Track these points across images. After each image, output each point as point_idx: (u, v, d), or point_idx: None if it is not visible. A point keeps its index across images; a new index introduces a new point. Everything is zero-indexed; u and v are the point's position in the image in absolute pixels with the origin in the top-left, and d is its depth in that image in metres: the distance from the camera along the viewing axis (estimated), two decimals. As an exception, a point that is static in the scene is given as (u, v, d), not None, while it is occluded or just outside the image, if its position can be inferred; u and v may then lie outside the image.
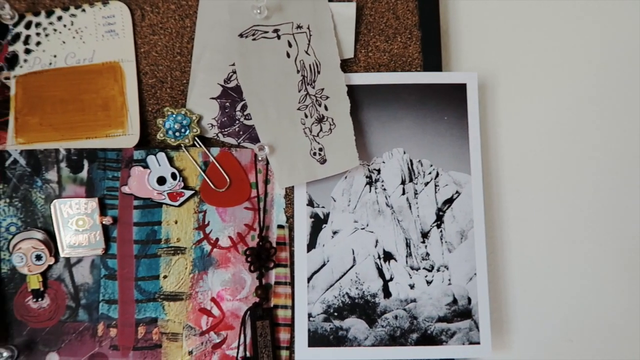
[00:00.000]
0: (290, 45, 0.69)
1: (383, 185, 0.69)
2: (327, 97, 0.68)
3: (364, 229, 0.68)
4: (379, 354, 0.67)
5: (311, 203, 0.68)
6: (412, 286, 0.68)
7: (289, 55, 0.69)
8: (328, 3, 0.70)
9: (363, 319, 0.67)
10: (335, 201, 0.68)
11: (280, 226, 0.68)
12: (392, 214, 0.68)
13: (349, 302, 0.67)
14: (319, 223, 0.68)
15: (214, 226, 0.67)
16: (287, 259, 0.68)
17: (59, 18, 0.69)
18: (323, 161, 0.67)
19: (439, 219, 0.69)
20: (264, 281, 0.67)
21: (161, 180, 0.67)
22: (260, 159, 0.68)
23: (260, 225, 0.68)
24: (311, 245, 0.68)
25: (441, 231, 0.68)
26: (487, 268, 0.68)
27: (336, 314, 0.67)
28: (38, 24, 0.69)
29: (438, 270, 0.68)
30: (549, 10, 0.76)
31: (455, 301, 0.67)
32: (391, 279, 0.68)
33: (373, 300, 0.67)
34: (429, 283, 0.68)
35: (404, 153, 0.69)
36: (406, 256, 0.68)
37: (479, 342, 0.67)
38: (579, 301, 0.73)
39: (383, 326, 0.67)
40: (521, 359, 0.72)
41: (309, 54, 0.69)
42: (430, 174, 0.69)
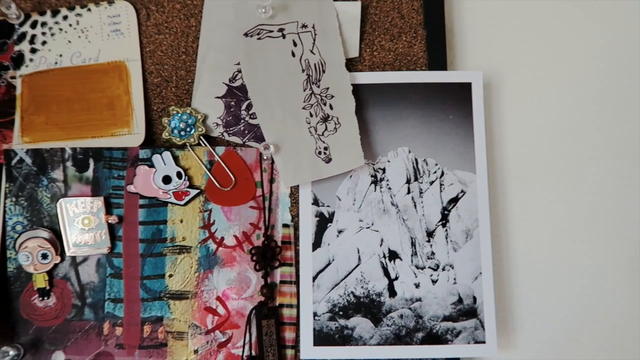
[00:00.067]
0: (295, 45, 0.69)
1: (388, 184, 0.69)
2: (332, 96, 0.68)
3: (369, 228, 0.68)
4: (384, 353, 0.67)
5: (316, 202, 0.68)
6: (417, 285, 0.67)
7: (294, 55, 0.69)
8: (333, 2, 0.70)
9: (368, 318, 0.67)
10: (340, 200, 0.68)
11: (285, 225, 0.68)
12: (397, 213, 0.68)
13: (354, 301, 0.67)
14: (324, 222, 0.68)
15: (220, 225, 0.67)
16: (292, 258, 0.68)
17: (65, 17, 0.69)
18: (328, 160, 0.67)
19: (444, 218, 0.69)
20: (269, 280, 0.67)
21: (167, 179, 0.67)
22: (266, 158, 0.68)
23: (266, 224, 0.68)
24: (316, 244, 0.68)
25: (446, 230, 0.68)
26: (493, 267, 0.68)
27: (341, 313, 0.67)
28: (44, 24, 0.69)
29: (443, 269, 0.68)
30: (553, 9, 0.76)
31: (460, 300, 0.67)
32: (396, 278, 0.68)
33: (378, 299, 0.67)
34: (434, 282, 0.68)
35: (409, 152, 0.69)
36: (411, 255, 0.68)
37: (484, 342, 0.67)
38: (584, 301, 0.73)
39: (388, 325, 0.67)
40: (526, 359, 0.72)
41: (314, 53, 0.69)
42: (435, 173, 0.69)
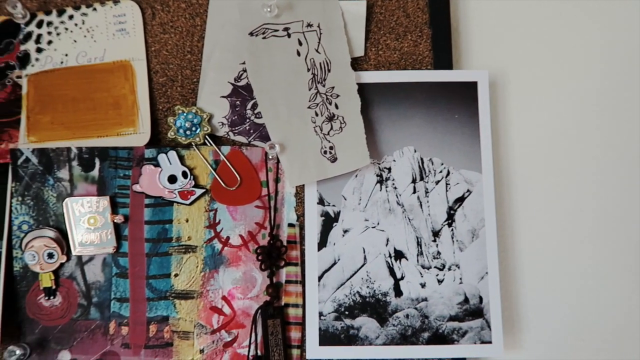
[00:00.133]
0: (301, 44, 0.69)
1: (394, 184, 0.69)
2: (338, 96, 0.68)
3: (374, 227, 0.68)
4: (390, 353, 0.66)
5: (322, 201, 0.68)
6: (423, 285, 0.67)
7: (299, 54, 0.69)
8: (338, 1, 0.70)
9: (374, 317, 0.67)
10: (345, 200, 0.68)
11: (290, 225, 0.68)
12: (403, 212, 0.68)
13: (360, 300, 0.67)
14: (329, 221, 0.68)
15: (225, 224, 0.67)
16: (297, 258, 0.68)
17: (71, 17, 0.69)
18: (334, 159, 0.67)
19: (450, 218, 0.68)
20: (274, 280, 0.67)
21: (172, 179, 0.67)
22: (271, 157, 0.68)
23: (271, 223, 0.68)
24: (322, 243, 0.68)
25: (452, 230, 0.68)
26: (499, 267, 0.68)
27: (347, 312, 0.67)
28: (50, 23, 0.69)
29: (449, 269, 0.68)
30: (560, 8, 0.75)
31: (466, 300, 0.67)
32: (402, 277, 0.67)
33: (384, 299, 0.67)
34: (440, 282, 0.67)
35: (415, 151, 0.69)
36: (417, 255, 0.68)
37: (490, 342, 0.67)
38: (591, 300, 0.73)
39: (394, 325, 0.67)
40: (533, 359, 0.72)
41: (319, 52, 0.69)
42: (441, 172, 0.69)
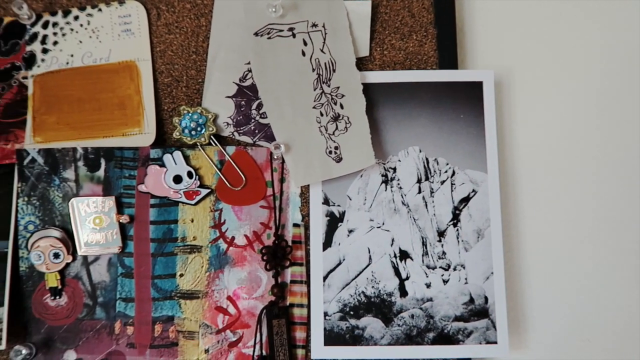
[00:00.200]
0: (306, 44, 0.69)
1: (399, 184, 0.68)
2: (343, 96, 0.68)
3: (379, 227, 0.68)
4: (395, 353, 0.66)
5: (327, 201, 0.68)
6: (428, 285, 0.67)
7: (304, 54, 0.69)
8: (343, 1, 0.70)
9: (379, 317, 0.67)
10: (351, 200, 0.68)
11: (295, 225, 0.68)
12: (408, 212, 0.68)
13: (365, 301, 0.67)
14: (334, 222, 0.68)
15: (230, 224, 0.67)
16: (302, 258, 0.68)
17: (76, 18, 0.70)
18: (339, 159, 0.67)
19: (455, 218, 0.68)
20: (279, 280, 0.67)
21: (177, 179, 0.67)
22: (276, 157, 0.68)
23: (276, 223, 0.68)
24: (327, 243, 0.68)
25: (457, 230, 0.68)
26: (504, 267, 0.68)
27: (352, 312, 0.67)
28: (55, 24, 0.70)
29: (454, 269, 0.67)
30: (565, 8, 0.75)
31: (472, 300, 0.67)
32: (407, 277, 0.67)
33: (389, 299, 0.67)
34: (445, 282, 0.67)
35: (420, 151, 0.69)
36: (422, 255, 0.68)
37: (496, 342, 0.66)
38: (596, 301, 0.72)
39: (399, 325, 0.67)
40: (538, 359, 0.72)
41: (324, 52, 0.69)
42: (446, 172, 0.69)
